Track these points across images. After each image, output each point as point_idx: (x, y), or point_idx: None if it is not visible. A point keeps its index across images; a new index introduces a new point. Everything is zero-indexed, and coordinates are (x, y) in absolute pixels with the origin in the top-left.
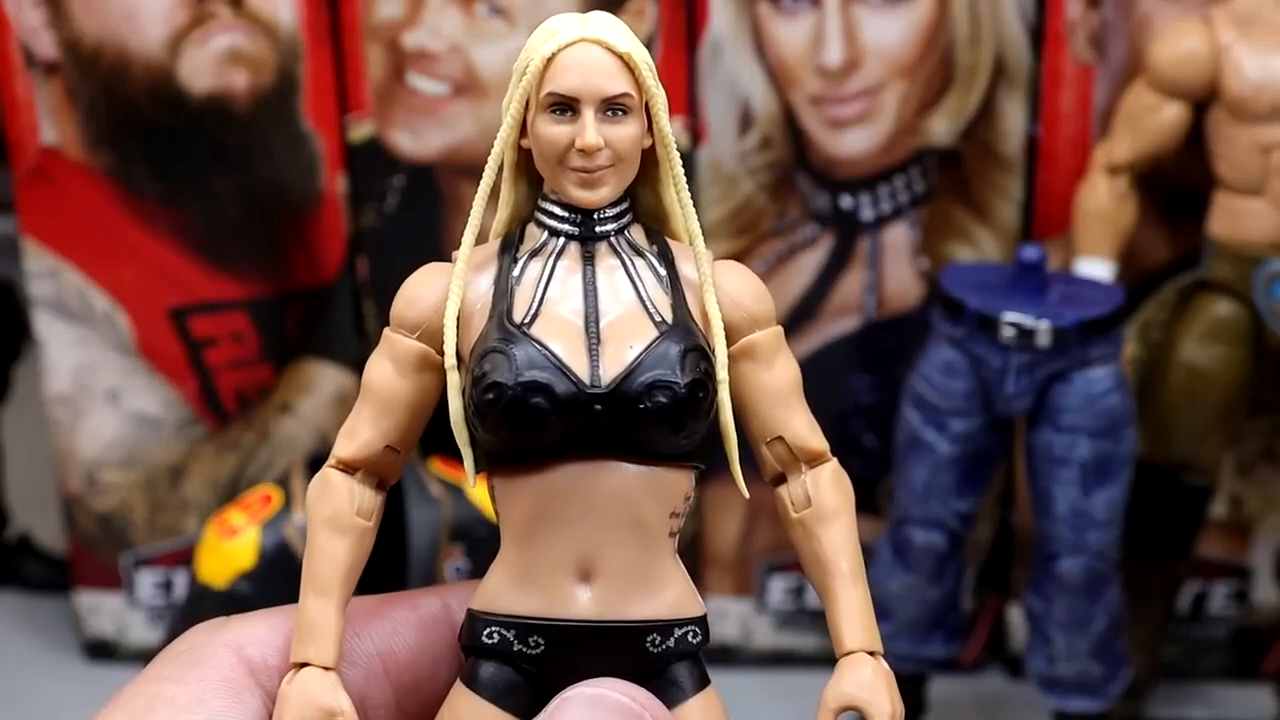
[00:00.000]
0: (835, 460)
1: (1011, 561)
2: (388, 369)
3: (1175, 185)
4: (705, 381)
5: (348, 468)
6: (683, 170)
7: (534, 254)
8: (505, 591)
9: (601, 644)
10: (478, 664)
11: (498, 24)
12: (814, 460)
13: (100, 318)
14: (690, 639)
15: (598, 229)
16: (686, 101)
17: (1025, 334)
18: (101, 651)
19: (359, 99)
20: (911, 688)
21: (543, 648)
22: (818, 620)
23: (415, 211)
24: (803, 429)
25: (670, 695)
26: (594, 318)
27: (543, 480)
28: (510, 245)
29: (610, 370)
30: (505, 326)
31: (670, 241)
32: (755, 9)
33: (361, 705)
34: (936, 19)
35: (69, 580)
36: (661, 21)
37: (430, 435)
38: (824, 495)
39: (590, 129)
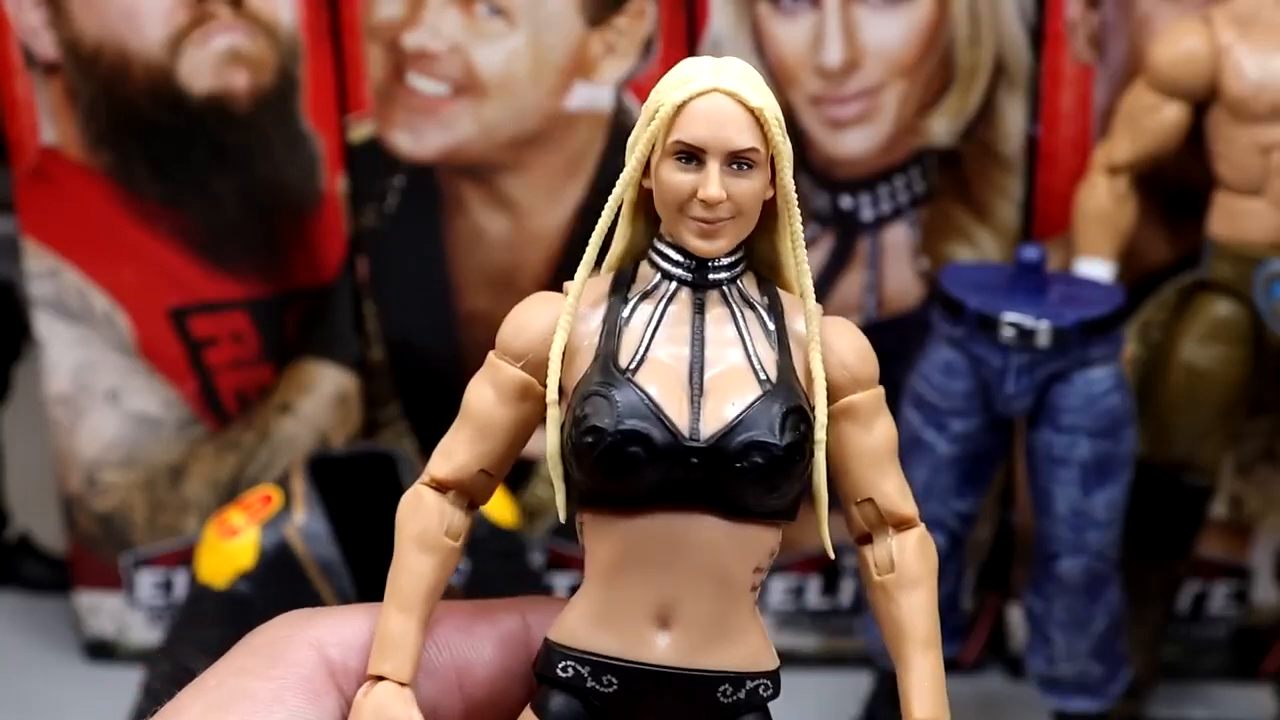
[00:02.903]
0: (923, 526)
1: (1011, 562)
2: (489, 394)
3: (1175, 185)
4: (802, 444)
5: (440, 487)
6: (801, 226)
7: (645, 296)
8: (584, 628)
9: (674, 690)
10: (549, 694)
11: (498, 24)
12: (902, 525)
13: (100, 318)
14: (761, 692)
15: (710, 276)
16: None
17: (1025, 334)
18: (101, 651)
19: (359, 99)
20: None
21: (615, 688)
22: (817, 620)
23: (415, 211)
24: (893, 493)
25: None
26: (699, 368)
27: (633, 525)
28: (622, 284)
29: (710, 425)
30: (610, 370)
31: (781, 293)
32: (755, 9)
33: (433, 717)
34: (936, 19)
35: (69, 580)
36: (661, 21)
37: (430, 436)
38: (909, 561)
39: (714, 181)
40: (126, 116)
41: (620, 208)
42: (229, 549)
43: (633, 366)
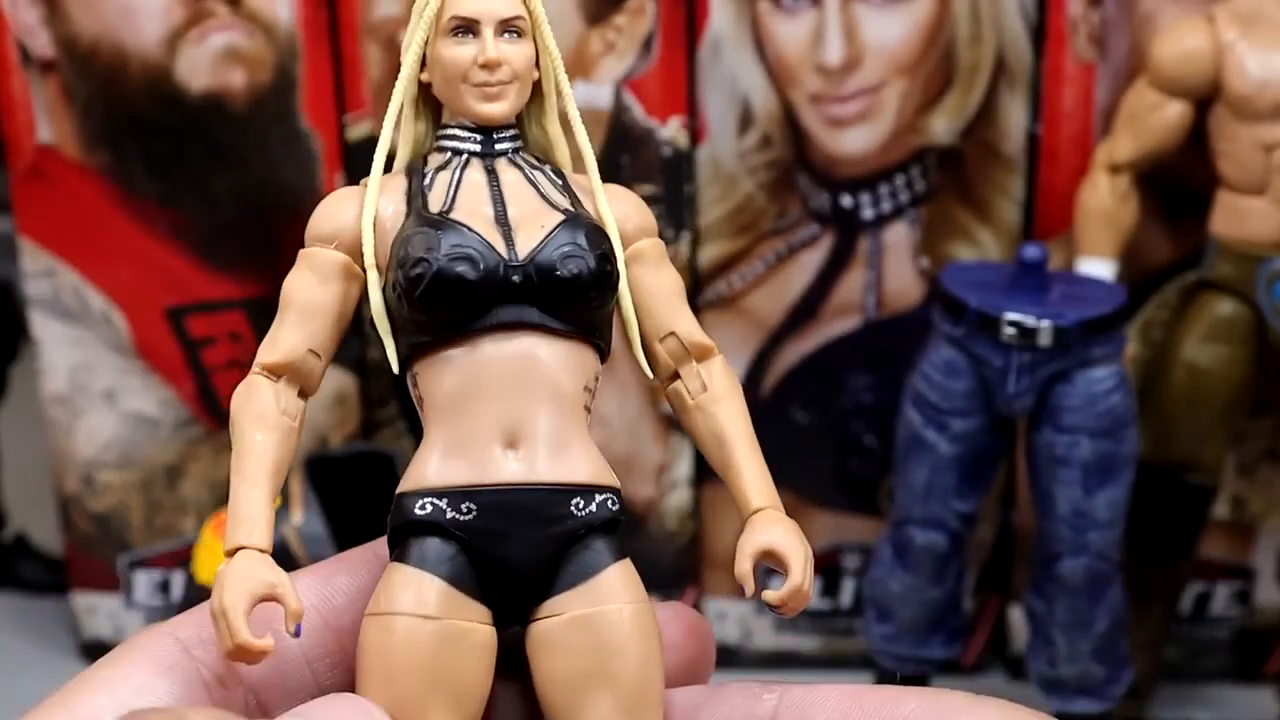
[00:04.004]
0: (722, 356)
1: (1013, 562)
2: (308, 279)
3: (1177, 184)
4: (610, 256)
5: (271, 373)
6: (566, 82)
7: (440, 168)
8: (435, 466)
9: (529, 508)
10: (409, 541)
11: None
12: (704, 355)
13: (97, 317)
14: (609, 505)
15: (497, 146)
16: (686, 100)
17: (1026, 333)
18: (99, 653)
19: (357, 98)
20: None
21: (475, 513)
22: (817, 621)
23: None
24: (692, 326)
25: (590, 560)
26: (503, 212)
27: (467, 355)
28: (416, 170)
29: (526, 246)
30: (424, 215)
31: (560, 166)
32: (755, 7)
33: (308, 664)
34: (937, 17)
35: (66, 581)
36: (661, 20)
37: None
38: (718, 380)
39: (490, 44)
40: (123, 115)
41: (402, 105)
42: None
43: (445, 210)
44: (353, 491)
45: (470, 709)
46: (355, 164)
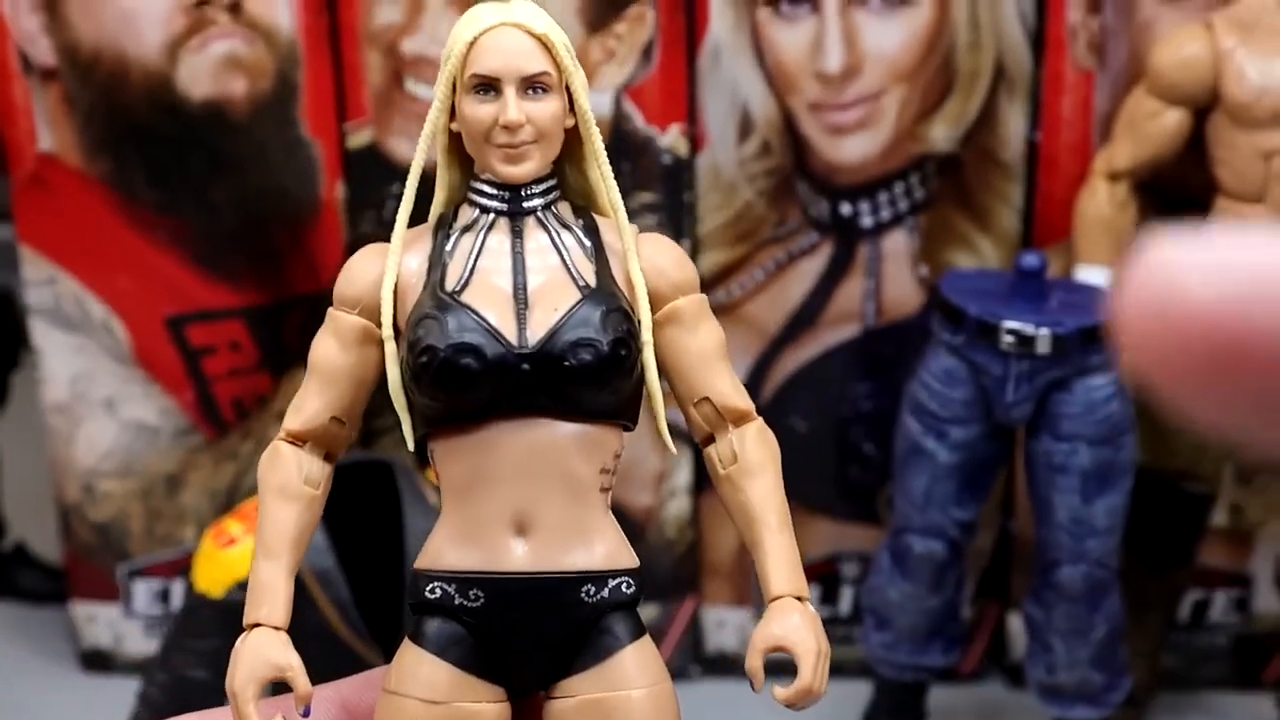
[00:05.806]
0: (761, 420)
1: (1011, 570)
2: (332, 345)
3: (1176, 191)
4: (627, 340)
5: (296, 440)
6: (602, 146)
7: (466, 229)
8: (447, 548)
9: (538, 595)
10: (422, 620)
11: None
12: (740, 420)
13: (98, 326)
14: (624, 589)
15: (525, 204)
16: (686, 107)
17: (1025, 341)
18: (98, 662)
19: (358, 105)
20: (911, 696)
21: (482, 601)
22: None
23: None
24: (727, 389)
25: (605, 644)
26: (522, 285)
27: (478, 439)
28: (444, 224)
29: (537, 332)
30: (438, 295)
31: (597, 217)
32: (755, 15)
33: None
34: (937, 25)
35: (65, 590)
36: (661, 27)
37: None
38: (750, 451)
39: (512, 105)
40: (124, 123)
41: (429, 157)
42: (226, 558)
43: (458, 289)
44: (352, 501)
45: None
46: (356, 172)
